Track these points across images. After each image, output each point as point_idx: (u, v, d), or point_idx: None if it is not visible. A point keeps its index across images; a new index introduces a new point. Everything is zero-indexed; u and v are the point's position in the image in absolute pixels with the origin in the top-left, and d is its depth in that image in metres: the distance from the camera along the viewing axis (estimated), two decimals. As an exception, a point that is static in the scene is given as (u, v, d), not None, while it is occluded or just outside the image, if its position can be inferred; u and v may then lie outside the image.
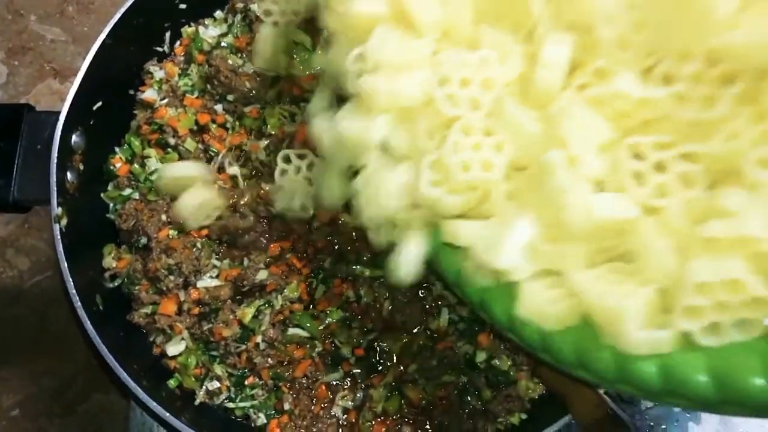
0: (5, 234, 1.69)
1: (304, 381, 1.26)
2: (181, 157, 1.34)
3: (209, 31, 1.40)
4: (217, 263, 1.27)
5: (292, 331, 1.24)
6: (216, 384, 1.25)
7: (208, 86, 1.35)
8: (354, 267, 1.25)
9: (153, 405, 1.13)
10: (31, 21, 1.85)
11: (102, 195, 1.35)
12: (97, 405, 1.60)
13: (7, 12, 1.85)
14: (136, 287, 1.29)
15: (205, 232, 1.28)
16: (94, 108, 1.30)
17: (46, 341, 1.63)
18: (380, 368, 1.24)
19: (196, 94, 1.37)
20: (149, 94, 1.37)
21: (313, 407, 1.25)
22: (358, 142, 0.82)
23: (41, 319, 1.65)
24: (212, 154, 1.33)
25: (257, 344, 1.24)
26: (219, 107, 1.35)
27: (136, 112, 1.39)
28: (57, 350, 1.63)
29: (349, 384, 1.26)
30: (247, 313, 1.23)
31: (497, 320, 0.76)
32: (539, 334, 0.72)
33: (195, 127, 1.35)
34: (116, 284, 1.30)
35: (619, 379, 0.67)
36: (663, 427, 1.38)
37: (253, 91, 1.32)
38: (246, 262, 1.26)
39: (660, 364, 0.64)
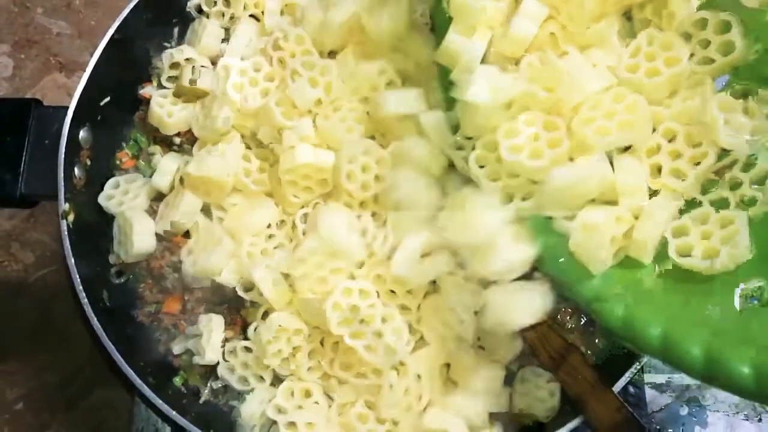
0: (10, 228, 1.69)
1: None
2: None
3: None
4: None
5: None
6: (221, 383, 1.24)
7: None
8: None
9: (159, 403, 1.13)
10: (37, 14, 1.84)
11: (109, 191, 1.33)
12: (100, 400, 1.59)
13: (14, 5, 1.84)
14: (141, 285, 1.28)
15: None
16: (102, 103, 1.30)
17: (49, 336, 1.63)
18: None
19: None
20: (149, 90, 1.36)
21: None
22: None
23: (45, 313, 1.64)
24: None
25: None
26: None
27: (142, 108, 1.38)
28: (60, 345, 1.62)
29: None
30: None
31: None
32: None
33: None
34: (123, 280, 1.30)
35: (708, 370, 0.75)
36: (670, 430, 1.37)
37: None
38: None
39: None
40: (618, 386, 1.11)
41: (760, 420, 1.39)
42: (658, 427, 1.37)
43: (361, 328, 1.10)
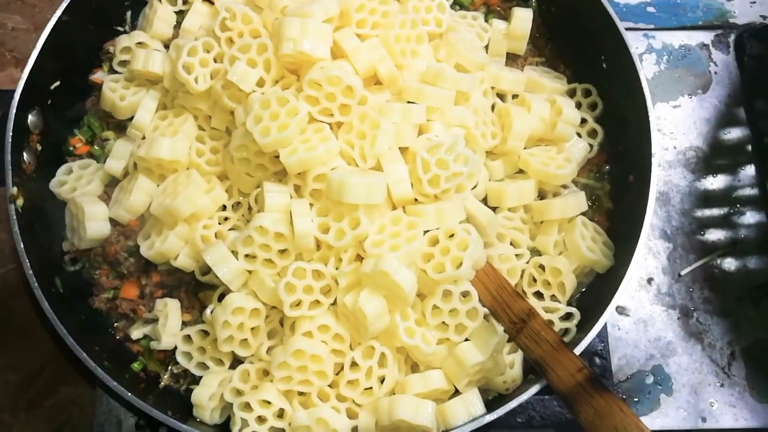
0: (-35, 227, 1.65)
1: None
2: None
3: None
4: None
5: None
6: (181, 367, 1.22)
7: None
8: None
9: (114, 385, 1.11)
10: (-9, 9, 1.81)
11: (61, 177, 1.31)
12: (64, 398, 1.55)
13: (-33, 0, 1.81)
14: (97, 271, 1.26)
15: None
16: (52, 87, 1.28)
17: (10, 335, 1.59)
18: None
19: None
20: (100, 75, 1.34)
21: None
22: None
23: (6, 313, 1.60)
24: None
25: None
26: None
27: (94, 93, 1.36)
28: (22, 344, 1.59)
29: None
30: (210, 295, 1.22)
31: None
32: None
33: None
34: (77, 267, 1.27)
35: None
36: (635, 399, 1.37)
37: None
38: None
39: None
40: (580, 348, 1.12)
41: (722, 386, 1.40)
42: (624, 396, 1.37)
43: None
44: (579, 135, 1.36)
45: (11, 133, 1.17)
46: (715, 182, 1.53)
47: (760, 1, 1.64)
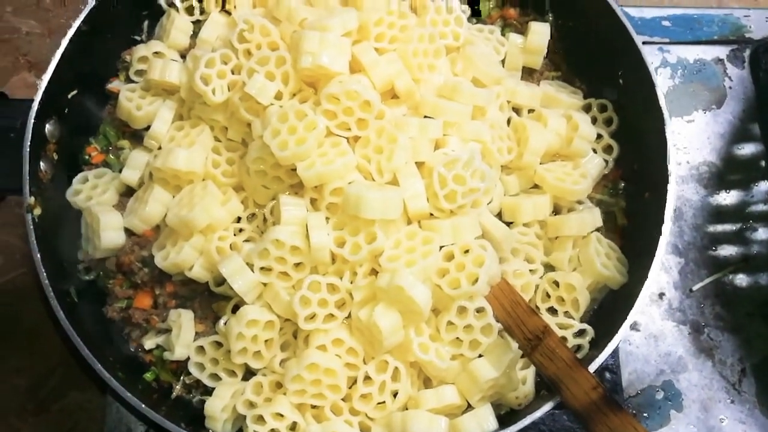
0: (-24, 231, 1.65)
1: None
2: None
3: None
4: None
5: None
6: (194, 377, 1.22)
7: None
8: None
9: (129, 397, 1.11)
10: (6, 12, 1.81)
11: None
12: (73, 403, 1.56)
13: (-19, 4, 1.82)
14: (111, 281, 1.26)
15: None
16: (69, 96, 1.28)
17: (19, 339, 1.59)
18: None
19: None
20: (117, 84, 1.34)
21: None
22: None
23: (15, 316, 1.61)
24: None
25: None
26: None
27: (111, 102, 1.36)
28: (31, 348, 1.59)
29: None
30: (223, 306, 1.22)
31: None
32: None
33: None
34: (91, 277, 1.28)
35: None
36: (645, 415, 1.38)
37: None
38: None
39: None
40: (594, 365, 1.12)
41: (732, 402, 1.40)
42: (634, 411, 1.37)
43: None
44: (594, 150, 1.36)
45: (29, 143, 1.17)
46: (728, 198, 1.53)
47: (776, 17, 1.64)
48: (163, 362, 1.23)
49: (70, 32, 1.24)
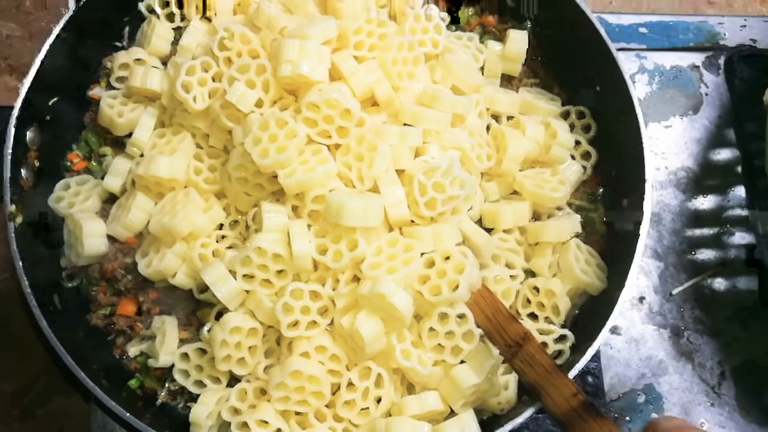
0: (-42, 236, 1.64)
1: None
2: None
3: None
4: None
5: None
6: (178, 384, 1.22)
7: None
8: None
9: (113, 405, 1.11)
10: (-15, 16, 1.80)
11: (59, 192, 1.31)
12: (57, 408, 1.55)
13: (-39, 7, 1.80)
14: (94, 288, 1.26)
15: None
16: (50, 103, 1.28)
17: (4, 344, 1.59)
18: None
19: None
20: (98, 91, 1.34)
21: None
22: None
23: (-1, 322, 1.60)
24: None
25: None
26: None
27: (92, 109, 1.36)
28: (16, 354, 1.58)
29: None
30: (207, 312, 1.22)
31: None
32: None
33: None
34: (75, 284, 1.28)
35: None
36: (627, 418, 1.39)
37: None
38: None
39: None
40: (575, 370, 1.13)
41: (712, 405, 1.42)
42: (616, 415, 1.39)
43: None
44: (573, 157, 1.37)
45: (10, 151, 1.16)
46: (706, 202, 1.55)
47: (749, 25, 1.66)
48: (148, 369, 1.23)
49: (50, 38, 1.24)
